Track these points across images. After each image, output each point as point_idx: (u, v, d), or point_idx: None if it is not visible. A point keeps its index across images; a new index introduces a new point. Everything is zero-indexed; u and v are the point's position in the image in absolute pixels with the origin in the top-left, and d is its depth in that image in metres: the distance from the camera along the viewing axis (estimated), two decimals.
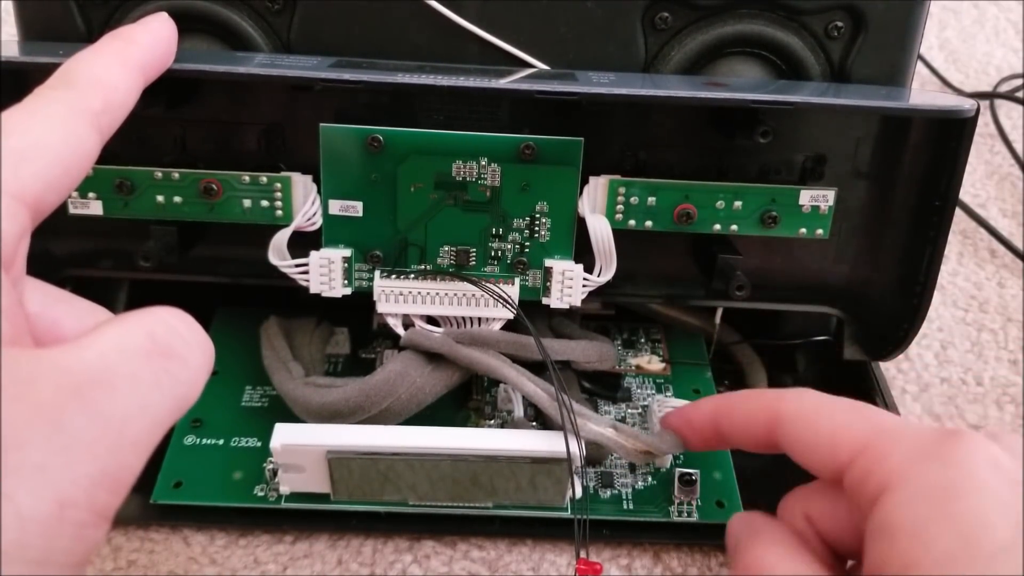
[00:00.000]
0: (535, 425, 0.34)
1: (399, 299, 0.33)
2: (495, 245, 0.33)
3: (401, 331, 0.34)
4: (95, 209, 0.33)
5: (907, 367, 0.43)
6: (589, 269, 0.33)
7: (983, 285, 0.48)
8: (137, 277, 0.36)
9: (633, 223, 0.33)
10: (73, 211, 0.32)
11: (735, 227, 0.33)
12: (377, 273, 0.33)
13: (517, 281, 0.33)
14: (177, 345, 0.19)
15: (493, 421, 0.36)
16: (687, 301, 0.39)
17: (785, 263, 0.36)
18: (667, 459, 0.34)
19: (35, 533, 0.15)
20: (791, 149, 0.34)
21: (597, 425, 0.31)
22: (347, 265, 0.33)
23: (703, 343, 0.42)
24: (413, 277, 0.33)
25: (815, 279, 0.37)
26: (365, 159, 0.32)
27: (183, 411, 0.19)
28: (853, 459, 0.23)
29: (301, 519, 0.33)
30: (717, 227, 0.33)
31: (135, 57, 0.24)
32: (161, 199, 0.32)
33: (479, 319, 0.34)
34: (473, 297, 0.33)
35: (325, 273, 0.33)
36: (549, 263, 0.33)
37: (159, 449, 0.21)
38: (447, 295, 0.33)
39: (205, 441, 0.35)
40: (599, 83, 0.30)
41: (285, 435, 0.30)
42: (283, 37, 0.34)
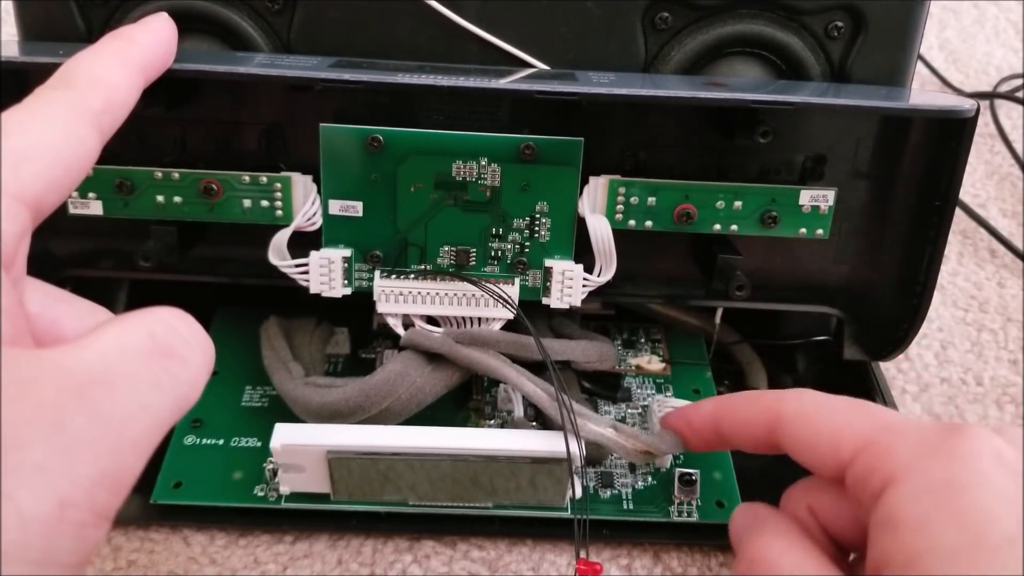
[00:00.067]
0: (535, 425, 0.34)
1: (399, 299, 0.33)
2: (495, 245, 0.33)
3: (401, 331, 0.34)
4: (95, 209, 0.33)
5: (907, 367, 0.43)
6: (589, 269, 0.33)
7: (983, 285, 0.48)
8: (137, 277, 0.36)
9: (633, 223, 0.33)
10: (73, 211, 0.32)
11: (735, 227, 0.33)
12: (377, 273, 0.33)
13: (517, 281, 0.33)
14: (177, 345, 0.19)
15: (493, 421, 0.36)
16: (687, 301, 0.39)
17: (785, 263, 0.36)
18: (667, 459, 0.34)
19: (36, 533, 0.15)
20: (791, 149, 0.34)
21: (597, 425, 0.31)
22: (347, 265, 0.33)
23: (703, 343, 0.42)
24: (413, 277, 0.33)
25: (815, 279, 0.37)
26: (365, 159, 0.32)
27: (184, 411, 0.19)
28: (856, 456, 0.23)
29: (301, 519, 0.33)
30: (717, 227, 0.33)
31: (135, 57, 0.24)
32: (161, 199, 0.32)
33: (479, 319, 0.34)
34: (473, 297, 0.33)
35: (325, 273, 0.33)
36: (549, 263, 0.33)
37: (159, 449, 0.21)
38: (447, 295, 0.33)
39: (205, 441, 0.35)
40: (599, 83, 0.30)
41: (285, 435, 0.30)
42: (283, 37, 0.34)
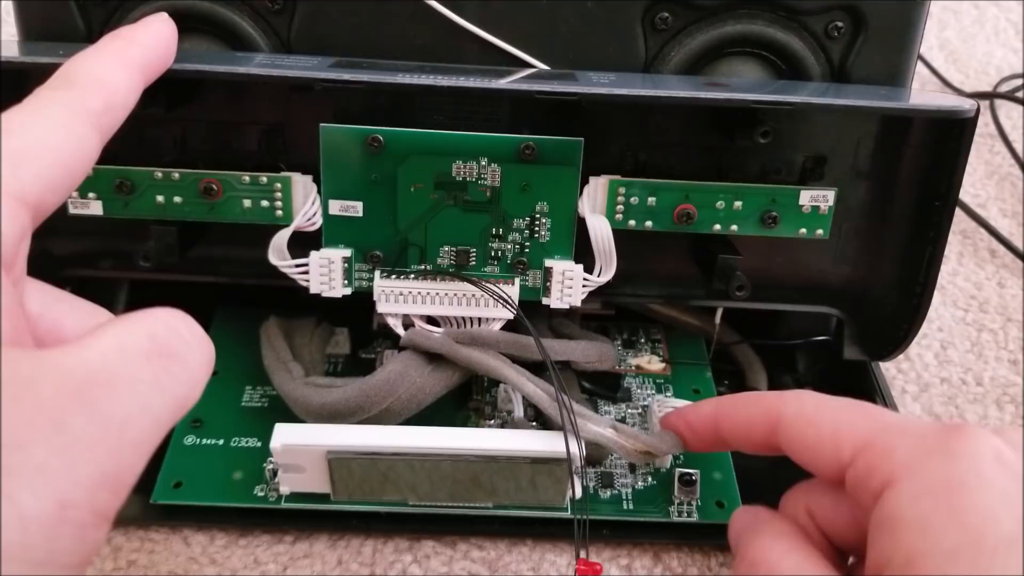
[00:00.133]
0: (535, 425, 0.34)
1: (399, 299, 0.33)
2: (495, 245, 0.33)
3: (401, 331, 0.34)
4: (95, 209, 0.33)
5: (907, 367, 0.43)
6: (589, 269, 0.33)
7: (983, 285, 0.48)
8: (137, 277, 0.36)
9: (633, 223, 0.33)
10: (73, 211, 0.32)
11: (735, 227, 0.33)
12: (377, 273, 0.33)
13: (517, 281, 0.33)
14: (178, 345, 0.19)
15: (493, 421, 0.36)
16: (687, 301, 0.39)
17: (785, 263, 0.36)
18: (667, 459, 0.34)
19: (36, 533, 0.15)
20: (791, 149, 0.34)
21: (597, 425, 0.31)
22: (347, 265, 0.33)
23: (703, 343, 0.42)
24: (413, 277, 0.33)
25: (815, 279, 0.37)
26: (365, 159, 0.32)
27: (184, 411, 0.19)
28: (855, 456, 0.23)
29: (301, 519, 0.33)
30: (717, 227, 0.33)
31: (135, 57, 0.24)
32: (161, 199, 0.32)
33: (479, 319, 0.34)
34: (473, 297, 0.33)
35: (325, 273, 0.33)
36: (549, 263, 0.33)
37: (159, 449, 0.21)
38: (447, 295, 0.33)
39: (205, 441, 0.35)
40: (599, 83, 0.30)
41: (285, 435, 0.30)
42: (283, 37, 0.34)
